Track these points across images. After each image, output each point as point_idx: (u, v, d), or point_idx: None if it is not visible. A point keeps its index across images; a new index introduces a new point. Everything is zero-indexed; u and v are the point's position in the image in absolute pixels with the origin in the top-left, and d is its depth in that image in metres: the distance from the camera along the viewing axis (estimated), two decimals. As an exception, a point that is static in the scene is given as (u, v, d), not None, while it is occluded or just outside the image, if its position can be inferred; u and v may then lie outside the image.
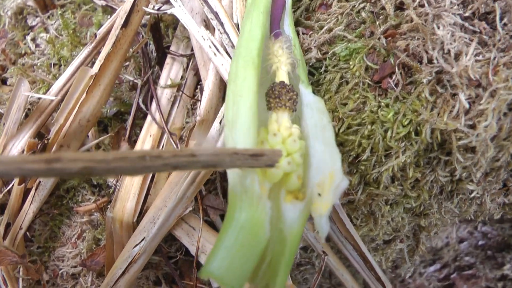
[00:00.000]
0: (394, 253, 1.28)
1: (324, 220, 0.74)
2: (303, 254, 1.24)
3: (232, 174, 0.75)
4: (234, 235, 0.71)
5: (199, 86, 1.19)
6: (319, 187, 0.78)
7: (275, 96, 0.84)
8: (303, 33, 1.03)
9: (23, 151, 1.16)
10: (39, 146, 1.11)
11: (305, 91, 0.88)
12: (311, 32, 1.03)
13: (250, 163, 0.67)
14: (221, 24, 1.03)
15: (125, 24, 1.09)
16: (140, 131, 1.19)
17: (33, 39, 1.35)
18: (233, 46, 1.02)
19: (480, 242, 1.71)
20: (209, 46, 1.03)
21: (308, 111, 0.85)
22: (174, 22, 1.24)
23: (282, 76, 0.88)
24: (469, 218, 1.16)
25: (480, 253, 1.69)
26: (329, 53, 1.00)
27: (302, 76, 0.90)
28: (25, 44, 1.34)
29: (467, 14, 0.95)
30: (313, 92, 1.00)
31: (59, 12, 1.32)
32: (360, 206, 1.07)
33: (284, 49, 0.91)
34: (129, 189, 1.14)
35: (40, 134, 1.22)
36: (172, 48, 1.20)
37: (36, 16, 1.40)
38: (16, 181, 1.15)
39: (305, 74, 0.92)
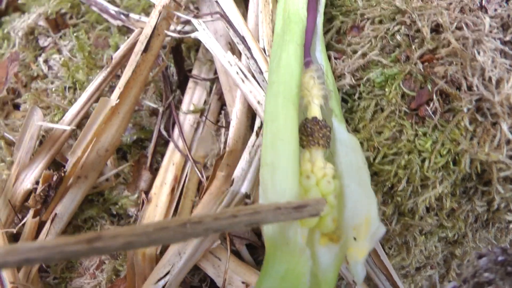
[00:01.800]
0: (423, 279, 1.25)
1: (360, 266, 0.73)
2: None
3: None
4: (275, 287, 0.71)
5: (223, 111, 1.16)
6: (355, 231, 0.76)
7: (307, 133, 0.83)
8: (335, 58, 1.02)
9: (37, 182, 1.12)
10: (54, 178, 1.07)
11: (339, 126, 0.86)
12: (343, 56, 1.01)
13: (293, 216, 0.67)
14: (248, 49, 1.01)
15: (145, 49, 1.06)
16: (162, 158, 1.17)
17: (46, 61, 1.33)
18: (261, 72, 1.00)
19: (500, 258, 1.68)
20: (237, 72, 1.00)
21: (343, 148, 0.83)
22: (196, 44, 1.22)
23: (315, 110, 0.86)
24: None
25: (499, 269, 1.67)
26: (363, 79, 0.98)
27: (335, 109, 0.88)
28: (37, 65, 1.32)
29: (507, 39, 0.94)
30: (347, 120, 0.98)
31: (73, 33, 1.30)
32: (394, 236, 1.04)
33: (316, 80, 0.89)
34: (152, 219, 1.14)
35: (55, 162, 1.18)
36: (194, 71, 1.18)
37: (48, 36, 1.37)
38: (30, 213, 1.12)
39: (338, 106, 0.90)
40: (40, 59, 1.35)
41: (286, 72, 0.85)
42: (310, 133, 0.82)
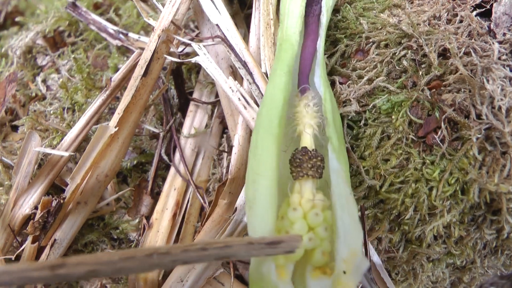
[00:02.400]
0: (429, 303, 1.23)
1: None
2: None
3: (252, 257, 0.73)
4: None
5: (225, 135, 1.13)
6: (344, 264, 0.73)
7: (296, 164, 0.80)
8: (340, 83, 0.99)
9: (36, 207, 1.10)
10: (54, 205, 1.05)
11: (332, 155, 0.82)
12: (349, 82, 0.98)
13: (267, 251, 0.65)
14: (250, 74, 0.99)
15: (145, 74, 1.04)
16: (163, 182, 1.15)
17: (44, 81, 1.31)
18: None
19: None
20: (238, 98, 0.98)
21: (334, 177, 0.80)
22: (197, 66, 1.20)
23: (306, 140, 0.84)
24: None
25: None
26: (369, 106, 0.96)
27: (332, 136, 0.84)
28: (35, 85, 1.30)
29: None
30: (352, 147, 0.96)
31: (72, 54, 1.27)
32: (401, 263, 1.02)
33: (309, 108, 0.86)
34: (153, 245, 1.09)
35: (54, 186, 1.16)
36: (195, 94, 1.16)
37: (46, 55, 1.35)
38: (29, 239, 1.09)
39: (337, 133, 0.86)
40: (39, 79, 1.33)
41: (269, 103, 0.84)
42: (299, 164, 0.79)
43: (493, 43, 0.93)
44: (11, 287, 1.00)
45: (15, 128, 1.31)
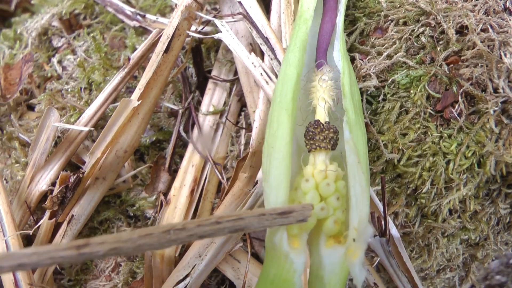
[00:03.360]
0: (442, 282, 1.24)
1: (357, 268, 0.71)
2: (351, 285, 1.20)
3: None
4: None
5: (243, 113, 1.14)
6: (355, 232, 0.75)
7: (309, 137, 0.82)
8: (359, 59, 0.99)
9: (53, 184, 1.11)
10: (72, 180, 1.05)
11: (345, 126, 0.83)
12: (368, 57, 0.99)
13: (279, 221, 0.68)
14: (272, 50, 1.01)
15: (167, 50, 1.05)
16: (180, 160, 1.16)
17: (60, 62, 1.31)
18: (284, 74, 0.98)
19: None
20: (261, 73, 0.99)
21: (348, 148, 0.81)
22: (216, 44, 1.21)
23: (320, 113, 0.86)
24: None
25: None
26: (388, 81, 0.97)
27: (349, 108, 0.85)
28: (50, 66, 1.30)
29: None
30: (371, 122, 0.97)
31: (90, 34, 1.27)
32: (417, 239, 1.03)
33: (325, 82, 0.87)
34: (171, 221, 1.13)
35: (70, 163, 1.16)
36: (214, 72, 1.17)
37: (61, 37, 1.36)
38: (47, 215, 1.09)
39: (355, 105, 0.87)
40: (54, 60, 1.33)
41: (283, 79, 0.86)
42: (312, 136, 0.82)
43: (509, 19, 0.95)
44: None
45: (31, 108, 1.32)
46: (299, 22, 0.94)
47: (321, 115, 0.85)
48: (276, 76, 1.02)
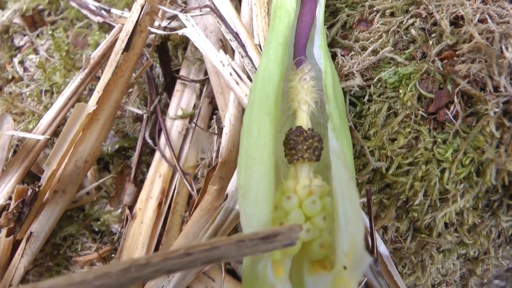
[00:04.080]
0: (437, 297, 1.14)
1: None
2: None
3: None
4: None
5: (214, 116, 1.03)
6: (346, 258, 0.64)
7: (290, 146, 0.72)
8: (341, 55, 0.88)
9: (9, 198, 1.01)
10: (29, 193, 0.94)
11: (331, 134, 0.73)
12: (352, 53, 0.87)
13: (262, 247, 0.57)
14: (243, 46, 0.90)
15: (127, 48, 0.95)
16: (147, 169, 1.08)
17: (21, 62, 1.21)
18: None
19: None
20: (230, 73, 0.88)
21: (334, 159, 0.71)
22: (184, 41, 1.11)
23: (301, 119, 0.75)
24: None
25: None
26: (374, 80, 0.87)
27: (333, 114, 0.75)
28: (12, 67, 1.20)
29: None
30: (355, 126, 0.85)
31: (50, 31, 1.16)
32: (409, 255, 0.93)
33: (306, 82, 0.76)
34: (137, 237, 1.03)
35: (30, 174, 1.07)
36: (182, 72, 1.07)
37: (24, 35, 1.26)
38: (3, 232, 1.00)
39: (338, 109, 0.77)
40: (16, 60, 1.24)
41: (264, 78, 0.75)
42: (293, 145, 0.71)
43: (510, 8, 0.84)
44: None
45: (-11, 113, 1.21)
46: (279, 13, 0.83)
47: (303, 121, 0.74)
48: (248, 76, 0.90)
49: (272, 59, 0.77)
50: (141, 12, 0.96)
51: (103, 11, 1.17)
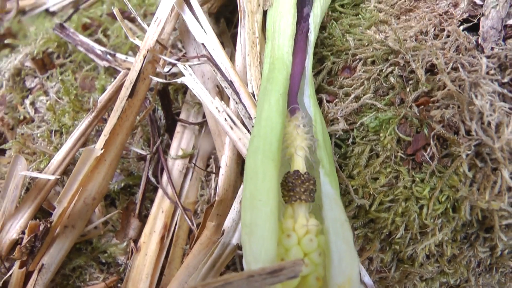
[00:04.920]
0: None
1: None
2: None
3: None
4: None
5: (212, 156, 1.10)
6: None
7: (288, 188, 0.78)
8: (327, 101, 0.97)
9: (22, 232, 1.07)
10: (41, 228, 1.01)
11: (324, 179, 0.80)
12: (336, 100, 0.95)
13: (269, 281, 0.63)
14: (237, 93, 0.96)
15: (131, 95, 1.01)
16: (151, 205, 1.12)
17: (32, 103, 1.28)
18: (250, 118, 0.95)
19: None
20: (225, 119, 0.95)
21: (327, 202, 0.78)
22: (184, 86, 1.17)
23: (298, 163, 0.81)
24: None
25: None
26: (357, 124, 0.93)
27: (323, 159, 0.82)
28: (24, 108, 1.27)
29: (505, 80, 0.90)
30: (340, 166, 0.92)
31: (59, 74, 1.23)
32: (393, 284, 0.98)
33: (300, 129, 0.84)
34: (141, 269, 1.07)
35: (42, 210, 1.13)
36: (182, 115, 1.13)
37: (35, 77, 1.33)
38: (17, 264, 1.06)
39: (327, 155, 0.84)
40: (27, 102, 1.30)
41: (266, 126, 0.81)
42: (291, 188, 0.77)
43: (481, 57, 0.90)
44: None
45: (2, 152, 1.28)
46: (278, 65, 0.89)
47: (300, 165, 0.81)
48: (242, 121, 0.97)
49: (274, 109, 0.82)
50: (144, 61, 1.03)
51: (108, 56, 1.24)
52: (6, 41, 1.41)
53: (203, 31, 1.03)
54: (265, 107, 0.83)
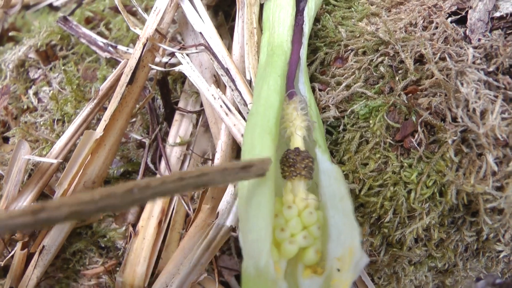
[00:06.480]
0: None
1: None
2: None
3: (246, 253, 0.72)
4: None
5: (209, 143, 1.13)
6: (339, 262, 0.74)
7: (289, 164, 0.81)
8: (319, 89, 1.00)
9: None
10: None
11: (322, 157, 0.84)
12: (328, 88, 0.99)
13: (240, 176, 0.66)
14: (232, 81, 0.99)
15: (130, 81, 1.05)
16: None
17: (36, 93, 1.31)
18: (245, 104, 0.98)
19: (498, 281, 1.65)
20: (220, 105, 0.99)
21: (326, 179, 0.81)
22: (182, 76, 1.21)
23: (297, 141, 0.85)
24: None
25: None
26: (348, 111, 0.96)
27: (319, 140, 0.86)
28: (27, 98, 1.30)
29: (491, 69, 0.93)
30: (332, 152, 0.96)
31: (62, 66, 1.27)
32: (383, 267, 1.01)
33: (299, 111, 0.88)
34: (139, 252, 1.10)
35: (43, 195, 1.17)
36: (181, 104, 1.17)
37: (38, 68, 1.36)
38: (18, 245, 1.10)
39: (322, 137, 0.88)
40: (30, 92, 1.33)
41: (265, 103, 0.84)
42: (292, 163, 0.80)
43: (468, 48, 0.94)
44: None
45: (6, 140, 1.32)
46: (277, 52, 0.94)
47: (299, 143, 0.84)
48: (237, 108, 1.01)
49: (272, 88, 0.87)
50: (143, 49, 1.07)
51: (110, 48, 1.28)
52: (10, 34, 1.46)
53: (201, 20, 1.07)
54: (264, 87, 0.87)
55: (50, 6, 1.65)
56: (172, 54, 1.15)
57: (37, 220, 0.48)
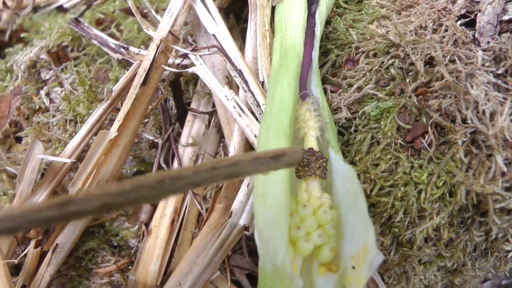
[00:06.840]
0: (423, 307, 1.24)
1: None
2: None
3: (263, 250, 0.74)
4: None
5: (221, 144, 1.15)
6: (353, 260, 0.76)
7: (304, 164, 0.82)
8: (331, 91, 1.02)
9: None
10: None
11: (335, 157, 0.86)
12: (339, 90, 1.01)
13: (272, 165, 0.66)
14: (246, 82, 1.01)
15: (144, 82, 1.07)
16: None
17: (47, 94, 1.33)
18: (258, 105, 1.00)
19: (504, 282, 1.66)
20: (233, 106, 1.01)
21: (339, 178, 0.83)
22: (194, 77, 1.22)
23: (311, 142, 0.87)
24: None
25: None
26: (359, 113, 0.98)
27: (332, 140, 0.88)
28: (39, 98, 1.32)
29: (500, 72, 0.94)
30: (343, 153, 0.98)
31: (74, 67, 1.29)
32: (393, 266, 1.03)
33: (312, 112, 0.90)
34: (152, 251, 1.11)
35: (56, 194, 1.18)
36: (193, 104, 1.18)
37: (50, 69, 1.38)
38: (32, 244, 1.11)
39: (334, 137, 0.90)
40: (42, 92, 1.35)
41: (279, 105, 0.86)
42: (307, 163, 0.81)
43: (477, 50, 0.95)
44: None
45: (19, 140, 1.34)
46: (290, 54, 0.95)
47: (313, 144, 0.86)
48: (250, 109, 1.03)
49: (286, 90, 0.88)
50: (157, 50, 1.09)
51: (122, 49, 1.29)
52: (21, 35, 1.48)
53: (214, 22, 1.09)
54: (278, 89, 0.89)
55: (59, 7, 1.67)
56: (184, 56, 1.16)
57: (64, 214, 0.46)
